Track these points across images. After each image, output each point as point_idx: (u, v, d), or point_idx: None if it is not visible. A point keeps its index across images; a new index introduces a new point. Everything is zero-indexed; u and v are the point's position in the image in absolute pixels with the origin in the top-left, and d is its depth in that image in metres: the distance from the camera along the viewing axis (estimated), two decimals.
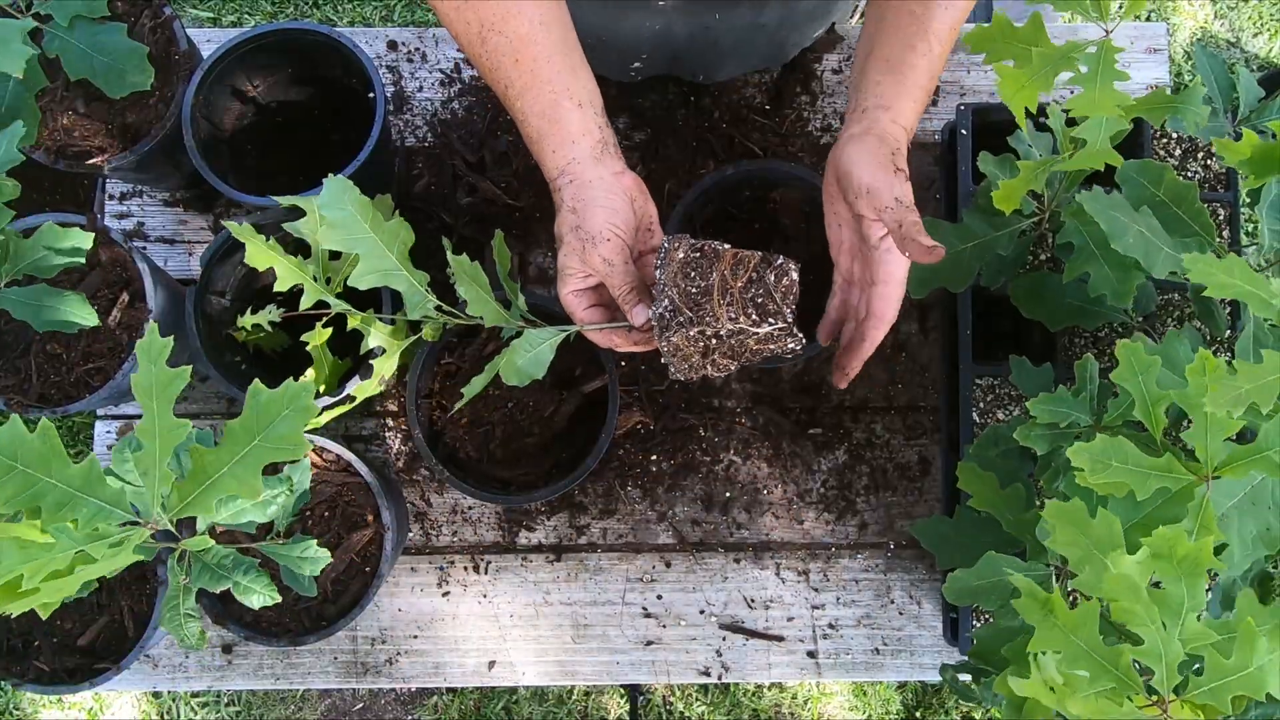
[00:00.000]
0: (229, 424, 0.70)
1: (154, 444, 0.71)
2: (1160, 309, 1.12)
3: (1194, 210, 0.88)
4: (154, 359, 0.72)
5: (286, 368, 1.22)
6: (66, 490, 0.69)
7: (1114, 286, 0.90)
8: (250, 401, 0.70)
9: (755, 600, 1.22)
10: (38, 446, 0.68)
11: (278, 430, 0.70)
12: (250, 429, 0.70)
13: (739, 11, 1.10)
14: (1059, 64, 0.71)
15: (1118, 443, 0.71)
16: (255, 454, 0.70)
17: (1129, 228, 0.84)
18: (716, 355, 0.84)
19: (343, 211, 0.86)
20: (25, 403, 1.08)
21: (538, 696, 1.87)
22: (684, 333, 0.81)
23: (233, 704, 1.87)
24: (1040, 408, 0.85)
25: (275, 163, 1.22)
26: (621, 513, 1.23)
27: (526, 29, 0.84)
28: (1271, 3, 2.19)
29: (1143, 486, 0.70)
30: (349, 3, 2.15)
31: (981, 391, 1.10)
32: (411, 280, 0.91)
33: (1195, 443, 0.71)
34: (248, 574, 0.82)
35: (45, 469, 0.68)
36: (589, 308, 0.88)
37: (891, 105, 0.85)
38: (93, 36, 0.98)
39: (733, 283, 0.81)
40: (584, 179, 0.86)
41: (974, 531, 0.99)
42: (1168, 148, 1.17)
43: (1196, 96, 0.77)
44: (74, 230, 0.96)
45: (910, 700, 1.87)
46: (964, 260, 1.00)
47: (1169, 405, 0.75)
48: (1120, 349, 0.75)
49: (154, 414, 0.71)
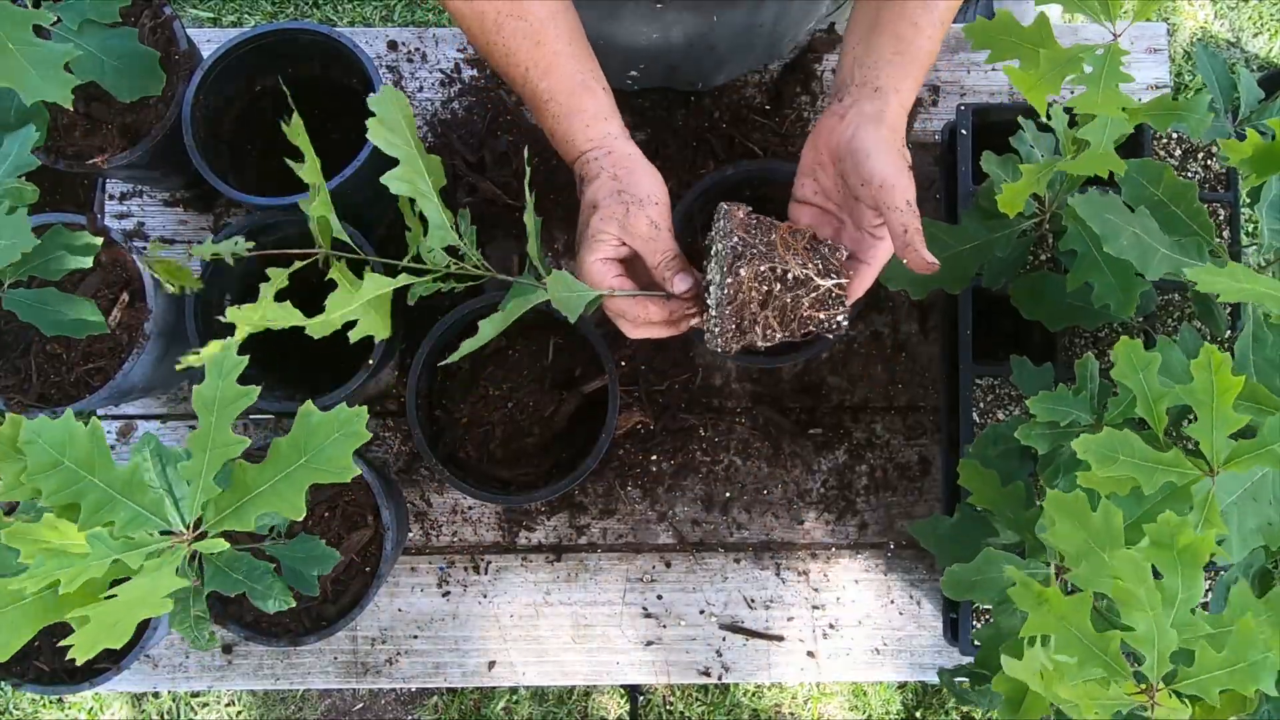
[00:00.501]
0: (276, 441, 0.70)
1: (203, 456, 0.71)
2: (1160, 309, 1.12)
3: (1193, 210, 0.88)
4: (224, 374, 0.72)
5: (286, 368, 1.22)
6: (107, 492, 0.69)
7: (1118, 296, 0.90)
8: (301, 421, 0.70)
9: (755, 600, 1.22)
10: (85, 444, 0.68)
11: (326, 452, 0.70)
12: (299, 448, 0.70)
13: (737, 12, 1.10)
14: (1066, 66, 0.71)
15: (1124, 436, 0.71)
16: (301, 473, 0.70)
17: (1123, 230, 0.83)
18: (770, 313, 0.84)
19: (390, 115, 0.83)
20: (25, 403, 1.07)
21: (538, 696, 1.87)
22: (754, 268, 0.81)
23: (233, 704, 1.88)
24: (1041, 406, 0.85)
25: (275, 163, 1.22)
26: (621, 513, 1.23)
27: (545, 13, 0.85)
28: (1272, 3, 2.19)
29: (1149, 481, 0.70)
30: (349, 3, 2.15)
31: (981, 391, 1.10)
32: (440, 209, 0.86)
33: (1201, 437, 0.71)
34: (263, 579, 0.80)
35: (90, 468, 0.68)
36: (617, 276, 0.86)
37: (901, 88, 0.85)
38: (103, 41, 0.98)
39: (794, 243, 0.84)
40: (623, 151, 0.86)
41: (974, 531, 0.99)
42: (1168, 148, 1.17)
43: (1202, 103, 0.78)
44: (83, 233, 0.95)
45: (910, 700, 1.87)
46: (963, 261, 1.00)
47: (1170, 403, 0.75)
48: (1119, 347, 0.75)
49: (210, 427, 0.71)
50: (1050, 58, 0.71)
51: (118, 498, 0.69)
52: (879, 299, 1.26)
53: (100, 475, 0.68)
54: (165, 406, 1.26)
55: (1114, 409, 0.84)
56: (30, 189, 0.89)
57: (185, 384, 1.26)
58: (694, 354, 1.25)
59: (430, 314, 1.12)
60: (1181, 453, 0.72)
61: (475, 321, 1.15)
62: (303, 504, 0.70)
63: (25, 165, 0.91)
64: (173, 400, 1.26)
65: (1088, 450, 0.71)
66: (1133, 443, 0.71)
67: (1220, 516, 0.71)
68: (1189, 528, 0.65)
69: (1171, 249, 0.84)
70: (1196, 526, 0.71)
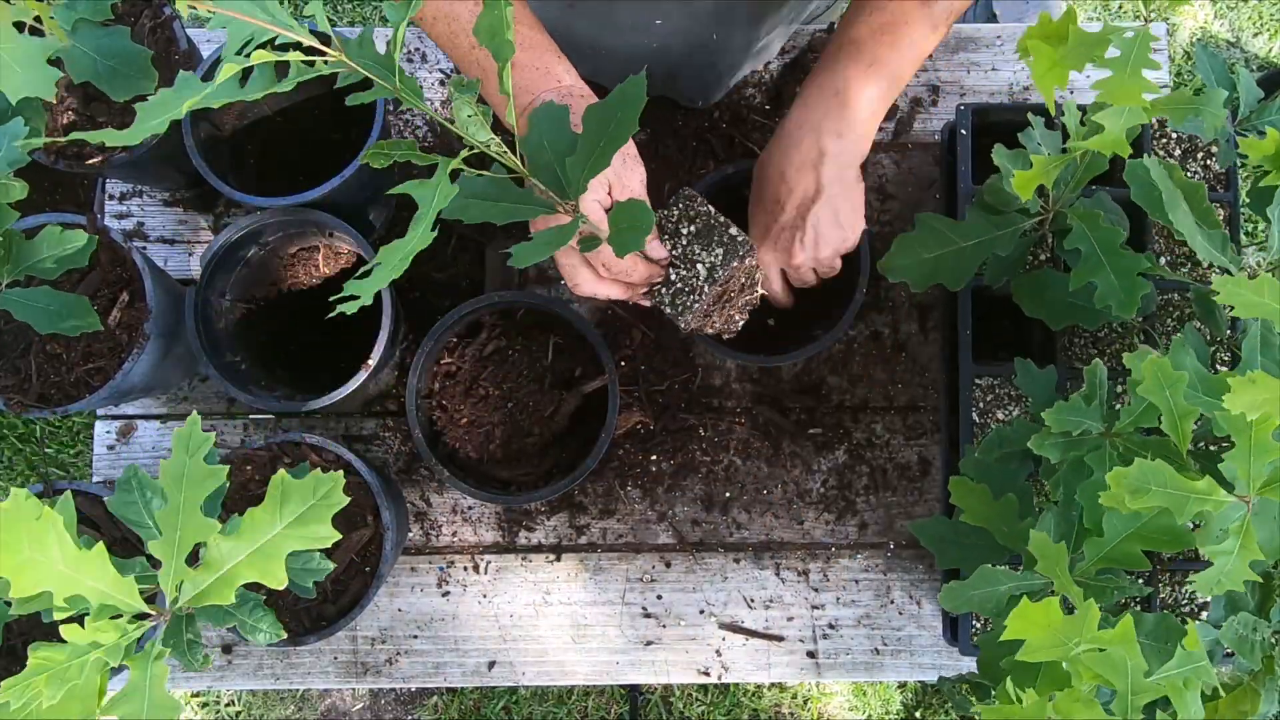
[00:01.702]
0: (251, 511, 0.67)
1: (174, 536, 0.67)
2: (1161, 309, 1.12)
3: (1203, 210, 0.88)
4: (192, 451, 0.68)
5: (286, 369, 1.22)
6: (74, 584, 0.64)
7: (1119, 298, 0.90)
8: (273, 491, 0.66)
9: (755, 600, 1.22)
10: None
11: (303, 519, 0.66)
12: (274, 516, 0.67)
13: (735, 34, 1.10)
14: (1094, 46, 0.70)
15: (1156, 467, 0.70)
16: (278, 542, 0.67)
17: (1179, 202, 0.84)
18: (736, 306, 0.96)
19: None
20: (25, 403, 1.08)
21: (538, 696, 1.87)
22: (747, 262, 0.92)
23: (233, 704, 1.88)
24: (1054, 417, 0.85)
25: (275, 163, 1.22)
26: (621, 513, 1.23)
27: (518, 9, 0.85)
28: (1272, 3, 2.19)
29: (1182, 511, 0.70)
30: (349, 3, 2.15)
31: (981, 391, 1.10)
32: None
33: (1238, 464, 0.71)
34: (254, 612, 0.79)
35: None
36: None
37: (880, 118, 0.91)
38: (97, 40, 0.97)
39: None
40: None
41: (974, 532, 0.99)
42: (1167, 147, 1.17)
43: (1218, 99, 0.78)
44: (77, 233, 0.95)
45: (910, 700, 1.87)
46: (964, 258, 1.00)
47: (1195, 418, 0.75)
48: (1146, 365, 0.75)
49: (179, 507, 0.68)
50: (1080, 34, 0.69)
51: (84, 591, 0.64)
52: (879, 299, 1.26)
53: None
54: (165, 406, 1.26)
55: (1126, 417, 0.84)
56: (19, 185, 0.88)
57: (185, 384, 1.26)
58: (694, 354, 1.25)
59: (430, 314, 1.12)
60: (1214, 481, 0.72)
61: (475, 321, 1.16)
62: (283, 573, 0.66)
63: (16, 161, 0.90)
64: (173, 400, 1.26)
65: (1120, 483, 0.70)
66: (1164, 473, 0.70)
67: (1257, 545, 0.71)
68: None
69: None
70: (1232, 554, 0.71)
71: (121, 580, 0.67)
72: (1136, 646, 0.66)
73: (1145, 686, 0.66)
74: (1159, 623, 0.81)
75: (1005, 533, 0.91)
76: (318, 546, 0.67)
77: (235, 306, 1.17)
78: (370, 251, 1.10)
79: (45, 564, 0.63)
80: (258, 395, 1.09)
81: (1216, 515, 0.72)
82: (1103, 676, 0.66)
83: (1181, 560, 1.08)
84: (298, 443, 1.10)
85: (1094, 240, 0.91)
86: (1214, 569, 0.72)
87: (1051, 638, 0.66)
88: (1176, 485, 0.71)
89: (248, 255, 1.16)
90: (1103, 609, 0.85)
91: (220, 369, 1.09)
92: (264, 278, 1.21)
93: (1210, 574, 0.72)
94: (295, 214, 1.11)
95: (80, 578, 0.65)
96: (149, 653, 0.68)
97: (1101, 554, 0.81)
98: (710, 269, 0.89)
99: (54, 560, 0.64)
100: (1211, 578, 0.72)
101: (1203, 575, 0.72)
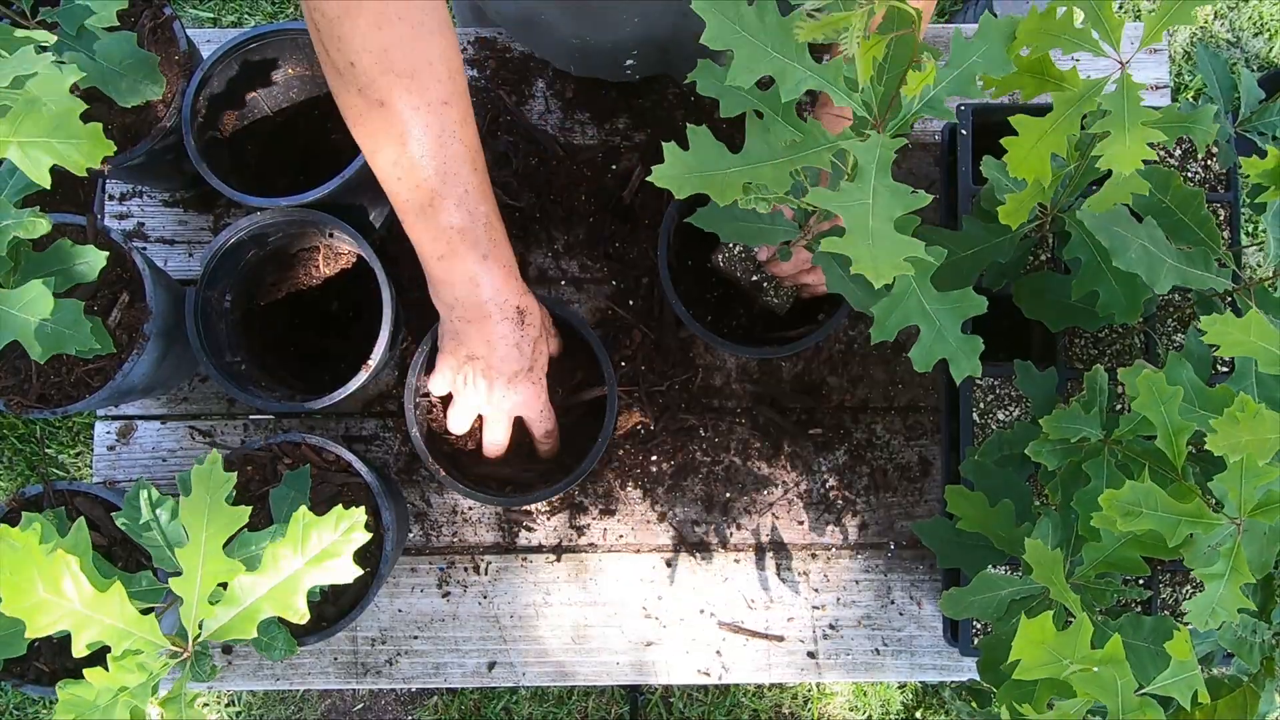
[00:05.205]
0: (271, 546, 0.66)
1: (195, 575, 0.66)
2: (1161, 310, 1.12)
3: (1199, 218, 0.88)
4: (213, 491, 0.68)
5: (287, 369, 1.22)
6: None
7: (1122, 305, 0.90)
8: (293, 527, 0.66)
9: (756, 600, 1.22)
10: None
11: (326, 554, 0.66)
12: (296, 550, 0.66)
13: None
14: (1081, 105, 0.69)
15: (1148, 490, 0.71)
16: (300, 578, 0.66)
17: (1132, 242, 0.84)
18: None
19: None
20: (25, 403, 1.08)
21: (538, 697, 1.87)
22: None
23: (232, 704, 1.88)
24: (1053, 425, 0.85)
25: (275, 163, 1.22)
26: (621, 513, 1.24)
27: (475, 139, 0.93)
28: (1272, 3, 2.19)
29: (1174, 533, 0.71)
30: None
31: (981, 392, 1.10)
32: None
33: (1229, 487, 0.71)
34: (269, 630, 0.78)
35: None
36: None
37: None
38: (102, 46, 0.97)
39: None
40: (538, 317, 1.03)
41: (975, 534, 0.99)
42: (1167, 146, 1.17)
43: (1208, 114, 0.78)
44: (88, 248, 0.93)
45: (910, 700, 1.87)
46: (964, 266, 1.00)
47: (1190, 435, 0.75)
48: (1141, 380, 0.75)
49: (201, 546, 0.67)
50: (1064, 99, 0.69)
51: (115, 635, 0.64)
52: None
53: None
54: (165, 407, 1.26)
55: (1125, 425, 0.84)
56: (44, 222, 0.84)
57: (185, 384, 1.26)
58: (694, 354, 1.25)
59: (430, 314, 1.11)
60: (1204, 504, 0.72)
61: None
62: (305, 607, 0.66)
63: (28, 186, 0.87)
64: (173, 400, 1.26)
65: (1112, 505, 0.71)
66: (1156, 496, 0.71)
67: (1247, 567, 0.72)
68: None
69: (1179, 259, 0.84)
70: (1223, 578, 0.72)
71: (142, 619, 0.65)
72: (1126, 665, 0.66)
73: (1135, 704, 0.67)
74: (1157, 625, 0.81)
75: (1002, 538, 0.91)
76: (339, 581, 0.66)
77: (235, 307, 1.17)
78: (370, 251, 1.10)
79: (60, 605, 0.62)
80: (258, 395, 1.09)
81: (1206, 536, 0.72)
82: (1094, 696, 0.67)
83: (1181, 562, 1.08)
84: (298, 443, 1.10)
85: (1095, 250, 0.91)
86: (1205, 597, 0.73)
87: (1046, 654, 0.67)
88: (1167, 508, 0.71)
89: (248, 256, 1.16)
90: (1102, 612, 0.85)
91: (220, 369, 1.09)
92: (264, 278, 1.21)
93: (1203, 603, 0.72)
94: (295, 214, 1.11)
95: (99, 617, 0.63)
96: (180, 698, 0.67)
97: (1100, 559, 0.81)
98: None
99: (69, 601, 0.62)
100: (1204, 607, 0.72)
101: (1195, 605, 0.73)
